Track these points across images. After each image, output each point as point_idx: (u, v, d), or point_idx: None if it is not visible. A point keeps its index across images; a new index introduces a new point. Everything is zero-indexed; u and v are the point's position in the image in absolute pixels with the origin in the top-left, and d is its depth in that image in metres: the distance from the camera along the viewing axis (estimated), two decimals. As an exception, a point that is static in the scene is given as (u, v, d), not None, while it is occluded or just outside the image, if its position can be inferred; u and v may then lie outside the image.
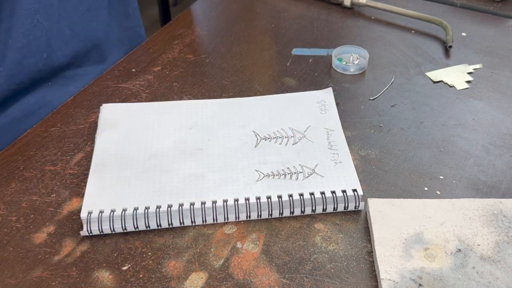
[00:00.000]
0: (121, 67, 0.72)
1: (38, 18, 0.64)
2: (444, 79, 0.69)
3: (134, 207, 0.52)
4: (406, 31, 0.78)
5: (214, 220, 0.52)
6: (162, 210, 0.52)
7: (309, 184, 0.54)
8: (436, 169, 0.57)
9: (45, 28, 0.65)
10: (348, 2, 0.81)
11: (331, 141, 0.59)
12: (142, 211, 0.51)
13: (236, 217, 0.52)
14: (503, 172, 0.57)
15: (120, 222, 0.51)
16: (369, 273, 0.48)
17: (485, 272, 0.46)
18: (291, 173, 0.55)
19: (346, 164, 0.56)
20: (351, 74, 0.70)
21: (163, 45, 0.76)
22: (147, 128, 0.61)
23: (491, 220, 0.50)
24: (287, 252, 0.50)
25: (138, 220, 0.51)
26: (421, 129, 0.62)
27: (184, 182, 0.54)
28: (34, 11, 0.64)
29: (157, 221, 0.51)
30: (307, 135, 0.59)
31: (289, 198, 0.52)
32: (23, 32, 0.63)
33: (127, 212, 0.51)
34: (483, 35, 0.76)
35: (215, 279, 0.48)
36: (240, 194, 0.53)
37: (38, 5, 0.64)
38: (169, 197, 0.53)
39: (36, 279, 0.48)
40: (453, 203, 0.51)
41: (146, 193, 0.53)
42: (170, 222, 0.52)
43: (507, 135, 0.61)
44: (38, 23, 0.64)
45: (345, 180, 0.54)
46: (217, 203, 0.52)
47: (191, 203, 0.52)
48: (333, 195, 0.52)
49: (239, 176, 0.55)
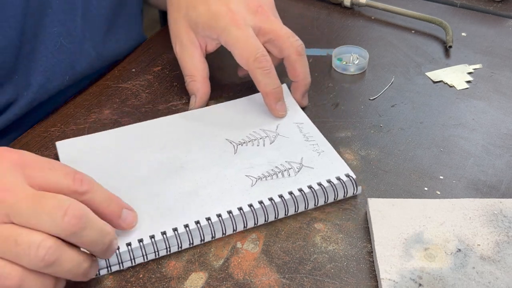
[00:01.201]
0: (121, 67, 0.72)
1: (62, 40, 0.63)
2: (444, 79, 0.69)
3: (138, 239, 0.48)
4: (406, 31, 0.78)
5: (223, 233, 0.51)
6: (169, 235, 0.49)
7: (303, 178, 0.54)
8: (436, 169, 0.57)
9: (69, 50, 0.64)
10: (348, 2, 0.81)
11: (305, 133, 0.59)
12: (149, 241, 0.48)
13: (244, 226, 0.51)
14: (503, 172, 0.57)
15: (129, 255, 0.48)
16: (369, 273, 0.48)
17: (485, 272, 0.46)
18: (281, 171, 0.55)
19: (329, 152, 0.56)
20: (351, 74, 0.70)
21: (163, 45, 0.76)
22: (116, 158, 0.56)
23: (491, 220, 0.50)
24: (287, 252, 0.50)
25: (147, 249, 0.48)
26: (421, 129, 0.62)
27: (179, 202, 0.52)
28: (57, 34, 0.63)
29: (166, 247, 0.49)
30: (280, 132, 0.59)
31: (291, 195, 0.52)
32: (47, 55, 0.63)
33: (133, 246, 0.48)
34: (483, 35, 0.76)
35: (215, 279, 0.48)
36: (240, 202, 0.52)
37: (62, 28, 0.63)
38: (170, 221, 0.50)
39: (36, 279, 0.48)
40: (453, 203, 0.51)
41: (144, 221, 0.50)
42: (180, 246, 0.49)
43: (507, 135, 0.61)
44: (62, 46, 0.64)
45: (335, 167, 0.54)
46: (222, 216, 0.50)
47: (195, 221, 0.50)
48: (330, 184, 0.53)
49: (232, 185, 0.53)
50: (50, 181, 0.42)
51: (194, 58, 0.62)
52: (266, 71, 0.58)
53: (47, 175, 0.42)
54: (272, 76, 0.59)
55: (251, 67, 0.58)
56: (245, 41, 0.58)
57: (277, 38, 0.60)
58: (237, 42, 0.58)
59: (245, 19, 0.59)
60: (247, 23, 0.59)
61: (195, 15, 0.61)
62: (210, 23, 0.59)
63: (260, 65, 0.58)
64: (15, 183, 0.40)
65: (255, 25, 0.60)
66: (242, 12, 0.59)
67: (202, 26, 0.60)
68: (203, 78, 0.62)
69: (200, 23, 0.60)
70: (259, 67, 0.58)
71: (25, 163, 0.42)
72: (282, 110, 0.60)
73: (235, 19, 0.59)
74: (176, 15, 0.63)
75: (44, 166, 0.43)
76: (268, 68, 0.58)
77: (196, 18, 0.61)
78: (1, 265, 0.39)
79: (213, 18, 0.59)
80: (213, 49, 0.63)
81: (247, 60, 0.58)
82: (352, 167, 0.57)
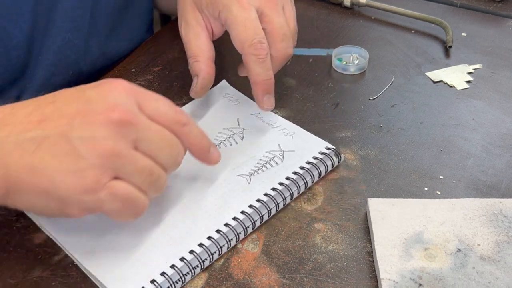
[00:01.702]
0: (121, 67, 0.72)
1: (69, 36, 0.63)
2: (444, 79, 0.69)
3: (160, 272, 0.46)
4: (406, 31, 0.78)
5: (237, 239, 0.50)
6: (190, 258, 0.47)
7: (291, 161, 0.55)
8: (436, 169, 0.57)
9: (75, 46, 0.64)
10: (348, 2, 0.81)
11: (267, 121, 0.60)
12: (172, 271, 0.46)
13: (261, 221, 0.51)
14: (503, 172, 0.57)
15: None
16: (369, 273, 0.48)
17: (485, 272, 0.46)
18: (267, 162, 0.55)
19: (300, 132, 0.58)
20: (351, 74, 0.70)
21: (163, 45, 0.75)
22: None
23: (491, 220, 0.50)
24: (287, 252, 0.50)
25: (173, 277, 0.46)
26: (421, 129, 0.62)
27: (188, 220, 0.50)
28: (65, 30, 0.63)
29: (191, 272, 0.47)
30: (244, 126, 0.59)
31: (290, 180, 0.53)
32: (54, 49, 0.63)
33: (160, 281, 0.46)
34: (483, 35, 0.76)
35: (215, 279, 0.48)
36: (249, 200, 0.52)
37: (71, 23, 0.63)
38: (184, 245, 0.48)
39: (36, 279, 0.48)
40: (453, 203, 0.51)
41: (158, 251, 0.48)
42: (202, 266, 0.48)
43: (507, 135, 0.61)
44: (69, 41, 0.63)
45: (312, 144, 0.57)
46: (238, 218, 0.50)
47: (209, 237, 0.49)
48: (318, 159, 0.55)
49: (231, 189, 0.53)
50: (159, 110, 0.46)
51: (199, 38, 0.58)
52: (260, 59, 0.55)
53: (156, 105, 0.46)
54: (265, 65, 0.55)
55: (245, 51, 0.55)
56: (244, 22, 0.55)
57: (271, 33, 0.56)
58: (235, 21, 0.55)
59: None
60: (252, 3, 0.55)
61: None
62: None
63: (255, 51, 0.54)
64: (135, 110, 0.44)
65: (258, 8, 0.56)
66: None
67: (206, 2, 0.57)
68: (207, 58, 0.58)
69: (204, 0, 0.57)
70: (254, 53, 0.54)
71: (137, 93, 0.46)
72: (269, 104, 0.57)
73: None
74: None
75: (152, 97, 0.46)
76: (262, 57, 0.55)
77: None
78: (134, 191, 0.44)
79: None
80: (220, 32, 0.59)
81: (243, 44, 0.55)
82: (352, 167, 0.57)
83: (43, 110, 0.44)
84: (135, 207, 0.45)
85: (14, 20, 0.57)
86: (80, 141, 0.42)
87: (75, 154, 0.42)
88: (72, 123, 0.42)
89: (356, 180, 0.56)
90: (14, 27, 0.57)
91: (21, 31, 0.58)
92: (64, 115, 0.43)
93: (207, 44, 0.58)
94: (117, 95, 0.44)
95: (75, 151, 0.42)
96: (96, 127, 0.42)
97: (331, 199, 0.54)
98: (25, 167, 0.42)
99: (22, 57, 0.60)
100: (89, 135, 0.42)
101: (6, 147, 0.42)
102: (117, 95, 0.44)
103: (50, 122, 0.43)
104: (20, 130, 0.43)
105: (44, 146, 0.42)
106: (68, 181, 0.42)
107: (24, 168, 0.42)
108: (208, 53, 0.58)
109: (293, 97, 0.66)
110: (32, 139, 0.42)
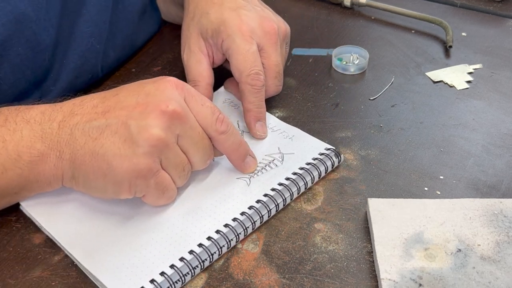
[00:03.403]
0: (121, 67, 0.72)
1: (92, 41, 0.65)
2: (444, 79, 0.69)
3: (159, 272, 0.46)
4: (406, 31, 0.78)
5: (237, 239, 0.50)
6: (190, 258, 0.47)
7: (291, 163, 0.55)
8: (436, 169, 0.57)
9: (97, 51, 0.66)
10: (348, 2, 0.81)
11: (268, 124, 0.60)
12: (172, 270, 0.47)
13: (261, 221, 0.51)
14: (503, 172, 0.57)
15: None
16: (369, 273, 0.48)
17: (485, 272, 0.46)
18: (267, 164, 0.56)
19: (299, 135, 0.58)
20: (351, 74, 0.70)
21: (163, 45, 0.76)
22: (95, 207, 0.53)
23: (491, 220, 0.50)
24: (287, 252, 0.50)
25: (173, 277, 0.46)
26: (421, 129, 0.62)
27: (188, 221, 0.51)
28: (89, 34, 0.64)
29: (190, 272, 0.47)
30: (245, 129, 0.60)
31: (289, 180, 0.53)
32: (78, 53, 0.64)
33: (160, 281, 0.46)
34: (483, 35, 0.76)
35: (215, 279, 0.48)
36: (249, 201, 0.52)
37: (94, 28, 0.64)
38: (184, 245, 0.49)
39: (36, 279, 0.48)
40: (453, 203, 0.51)
41: (157, 252, 0.48)
42: (202, 266, 0.48)
43: (507, 135, 0.61)
44: (92, 46, 0.65)
45: (312, 146, 0.57)
46: (238, 219, 0.50)
47: (208, 237, 0.49)
48: (318, 160, 0.55)
49: (231, 190, 0.53)
50: (200, 114, 0.50)
51: (200, 64, 0.61)
52: (256, 90, 0.58)
53: (199, 108, 0.50)
54: (259, 96, 0.58)
55: (243, 80, 0.58)
56: (245, 53, 0.57)
57: (267, 69, 0.59)
58: (237, 51, 0.58)
59: (253, 33, 0.58)
60: (254, 38, 0.59)
61: (206, 22, 0.60)
62: (218, 29, 0.59)
63: (252, 82, 0.57)
64: (186, 107, 0.49)
65: (259, 43, 0.59)
66: (252, 27, 0.59)
67: (211, 32, 0.60)
68: (207, 84, 0.61)
69: (210, 29, 0.60)
70: (250, 83, 0.57)
71: (187, 92, 0.50)
72: (262, 131, 0.59)
73: (243, 30, 0.58)
74: (189, 22, 0.62)
75: (198, 100, 0.51)
76: (258, 88, 0.58)
77: (207, 24, 0.60)
78: (172, 183, 0.50)
79: (222, 24, 0.59)
80: (220, 61, 0.62)
81: (241, 73, 0.58)
82: (352, 167, 0.57)
83: (107, 103, 0.49)
84: (170, 198, 0.51)
85: (43, 25, 0.58)
86: (137, 129, 0.47)
87: (131, 142, 0.47)
88: (132, 113, 0.48)
89: (356, 180, 0.56)
90: (42, 32, 0.58)
91: (48, 35, 0.59)
92: (125, 107, 0.48)
93: (207, 70, 0.61)
94: (172, 91, 0.49)
95: (132, 138, 0.47)
96: (151, 117, 0.47)
97: (331, 199, 0.54)
98: (88, 152, 0.48)
99: (48, 61, 0.61)
100: (144, 123, 0.47)
101: (74, 133, 0.48)
102: (172, 91, 0.49)
103: (113, 112, 0.48)
104: (87, 119, 0.48)
105: (106, 134, 0.47)
106: (124, 165, 0.47)
107: (87, 153, 0.48)
108: (208, 79, 0.61)
109: (293, 97, 0.66)
110: (96, 127, 0.48)
